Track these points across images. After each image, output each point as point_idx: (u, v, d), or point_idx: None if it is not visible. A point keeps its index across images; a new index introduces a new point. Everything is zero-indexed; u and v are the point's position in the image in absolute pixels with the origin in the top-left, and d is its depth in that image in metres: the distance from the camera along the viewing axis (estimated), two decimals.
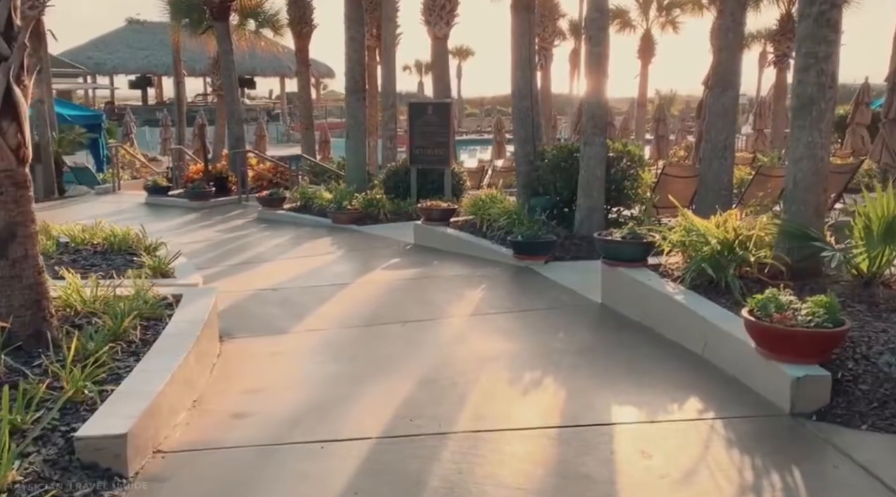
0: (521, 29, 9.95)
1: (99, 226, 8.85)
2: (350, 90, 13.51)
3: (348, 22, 13.10)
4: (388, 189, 13.47)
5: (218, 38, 16.41)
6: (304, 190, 13.68)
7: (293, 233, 11.65)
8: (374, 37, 19.43)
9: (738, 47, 9.04)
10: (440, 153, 13.01)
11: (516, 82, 10.00)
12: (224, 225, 12.74)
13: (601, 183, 9.04)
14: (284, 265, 9.13)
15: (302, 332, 6.10)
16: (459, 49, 58.91)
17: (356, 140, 13.54)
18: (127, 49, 44.80)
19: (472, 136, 47.34)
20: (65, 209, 14.57)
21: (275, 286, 7.70)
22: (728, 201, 9.45)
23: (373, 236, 11.09)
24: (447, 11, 15.27)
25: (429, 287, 7.74)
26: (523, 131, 10.09)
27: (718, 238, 5.92)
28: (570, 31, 33.46)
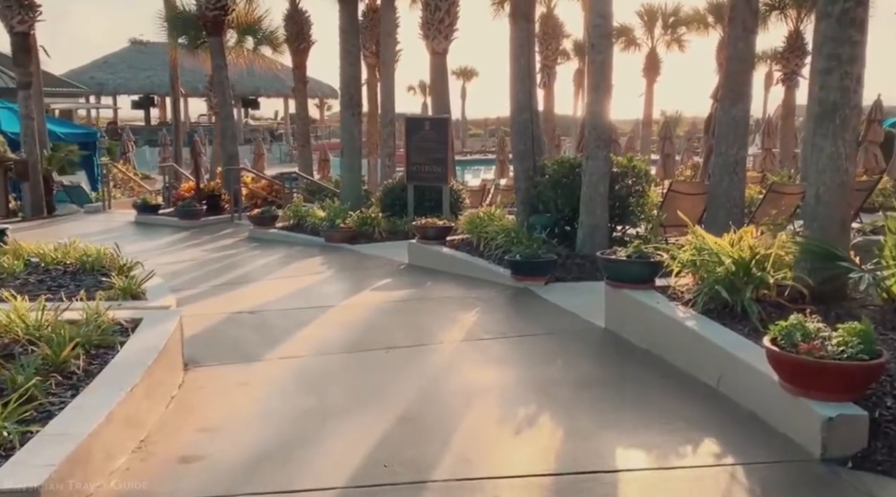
0: (519, 39, 9.49)
1: (73, 245, 8.36)
2: (345, 105, 13.08)
3: (343, 35, 12.69)
4: (384, 207, 12.99)
5: (212, 54, 16.02)
6: (296, 208, 13.20)
7: (283, 252, 11.14)
8: (374, 54, 19.06)
9: (749, 57, 8.56)
10: (438, 170, 12.53)
11: (515, 94, 9.53)
12: (212, 244, 12.25)
13: (605, 199, 8.52)
14: (268, 286, 8.61)
15: (275, 360, 5.57)
16: (463, 70, 58.78)
17: (351, 156, 13.08)
18: (129, 69, 44.70)
19: (477, 156, 47.05)
20: (50, 228, 14.12)
21: (254, 308, 7.18)
22: (739, 219, 8.91)
23: (366, 255, 10.58)
24: (446, 25, 14.86)
25: (419, 310, 7.20)
26: (522, 145, 9.60)
27: (733, 257, 5.38)
28: (574, 51, 33.24)
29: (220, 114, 16.07)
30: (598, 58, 8.35)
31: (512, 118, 9.85)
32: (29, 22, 15.14)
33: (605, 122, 8.55)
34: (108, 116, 48.60)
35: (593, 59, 8.43)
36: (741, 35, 8.43)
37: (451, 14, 14.84)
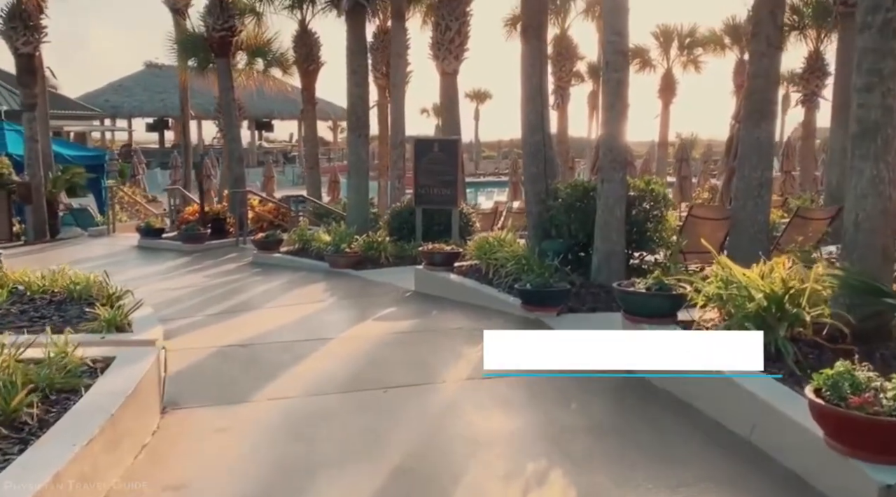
0: (531, 57, 9.09)
1: (62, 272, 8.00)
2: (352, 127, 12.73)
3: (350, 54, 12.38)
4: (392, 230, 12.58)
5: (219, 75, 15.78)
6: (301, 232, 12.82)
7: (286, 278, 10.74)
8: (385, 75, 18.78)
9: (773, 74, 8.11)
10: (447, 193, 12.13)
11: (527, 114, 9.11)
12: (214, 269, 11.87)
13: (621, 224, 8.05)
14: (266, 315, 8.18)
15: (263, 401, 5.11)
16: (477, 92, 58.67)
17: (358, 179, 12.70)
18: (144, 92, 44.88)
19: (490, 178, 46.90)
20: (51, 253, 13.82)
21: (247, 341, 6.74)
22: (765, 246, 8.42)
23: (371, 282, 10.15)
24: (456, 45, 14.52)
25: (423, 343, 6.73)
26: (534, 167, 9.17)
27: (764, 292, 4.88)
28: (589, 73, 32.93)
29: (227, 136, 15.79)
30: (614, 76, 7.92)
31: (523, 140, 9.43)
32: (34, 43, 14.96)
33: (620, 144, 8.11)
34: (124, 139, 48.78)
35: (608, 77, 8.00)
36: (765, 51, 7.99)
37: (461, 34, 14.51)
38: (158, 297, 9.21)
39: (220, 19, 15.00)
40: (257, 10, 17.58)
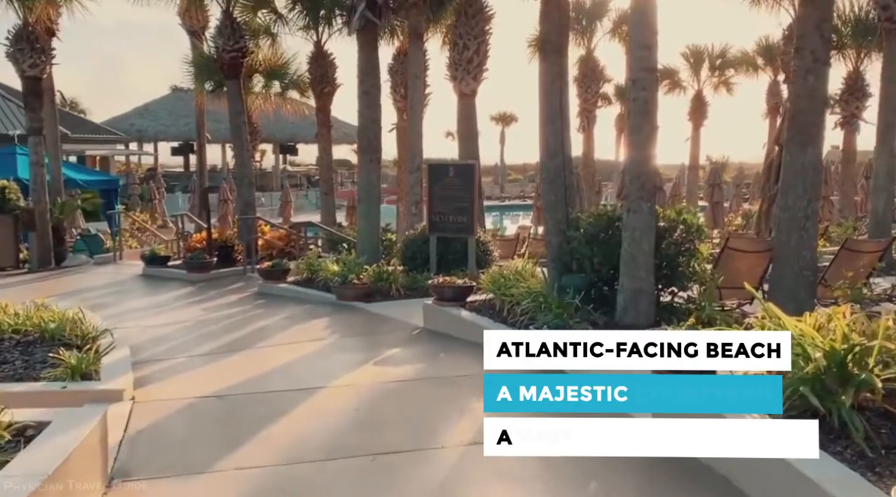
0: (550, 75, 8.36)
1: (39, 308, 7.40)
2: (363, 150, 12.09)
3: (361, 75, 11.77)
4: (405, 259, 11.86)
5: (229, 97, 15.28)
6: (309, 261, 12.14)
7: (289, 312, 10.04)
8: (403, 98, 18.17)
9: (821, 93, 7.30)
10: (463, 220, 11.38)
11: (545, 137, 8.36)
12: (215, 301, 11.22)
13: (649, 259, 7.24)
14: (256, 358, 7.47)
15: (229, 472, 4.37)
16: (503, 115, 58.06)
17: (369, 205, 12.03)
18: (169, 116, 44.96)
19: (516, 202, 46.30)
20: (50, 282, 13.31)
21: (226, 391, 6.02)
22: (811, 284, 7.56)
23: (378, 317, 9.42)
24: (475, 66, 13.86)
25: (425, 394, 5.96)
26: (553, 195, 8.40)
27: (824, 349, 4.06)
28: (616, 95, 32.19)
29: (238, 160, 15.26)
30: (641, 95, 7.16)
31: (541, 164, 8.69)
32: (41, 65, 14.59)
33: (648, 170, 7.32)
34: (150, 163, 48.93)
35: (635, 96, 7.24)
36: (811, 67, 7.19)
37: (480, 53, 13.85)
38: (147, 333, 8.61)
39: (231, 40, 14.53)
40: (272, 30, 17.14)
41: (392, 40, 18.19)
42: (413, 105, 14.87)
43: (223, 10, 14.97)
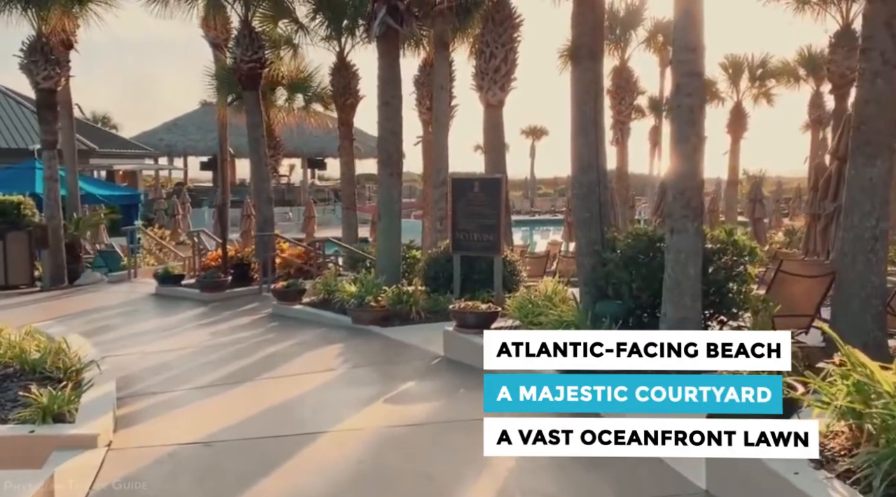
0: (584, 82, 7.63)
1: (22, 337, 6.81)
2: (383, 163, 11.42)
3: (382, 84, 11.12)
4: (427, 279, 11.14)
5: (246, 110, 14.75)
6: (326, 281, 11.48)
7: (301, 337, 9.39)
8: (430, 110, 17.53)
9: (891, 98, 6.43)
10: (488, 238, 10.63)
11: (578, 149, 7.62)
12: (226, 324, 10.59)
13: (696, 285, 6.43)
14: (258, 392, 6.79)
15: None
16: (533, 129, 57.20)
17: (389, 221, 11.34)
18: (198, 131, 44.93)
19: (546, 216, 45.51)
20: (59, 302, 12.83)
21: (215, 435, 5.32)
22: (880, 314, 6.66)
23: (395, 343, 8.72)
24: (502, 75, 13.14)
25: (440, 442, 5.22)
26: (587, 212, 7.63)
27: None
28: (650, 107, 31.33)
29: (255, 175, 14.70)
30: (686, 101, 6.37)
31: (573, 179, 7.93)
32: (55, 78, 14.21)
33: (695, 185, 6.51)
34: (179, 177, 49.01)
35: (679, 103, 6.45)
36: (880, 69, 6.34)
37: (507, 62, 13.13)
38: (147, 361, 8.00)
39: (249, 50, 14.01)
40: (293, 41, 16.63)
41: (418, 51, 17.61)
42: (438, 117, 14.22)
43: (241, 20, 14.48)
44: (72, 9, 13.95)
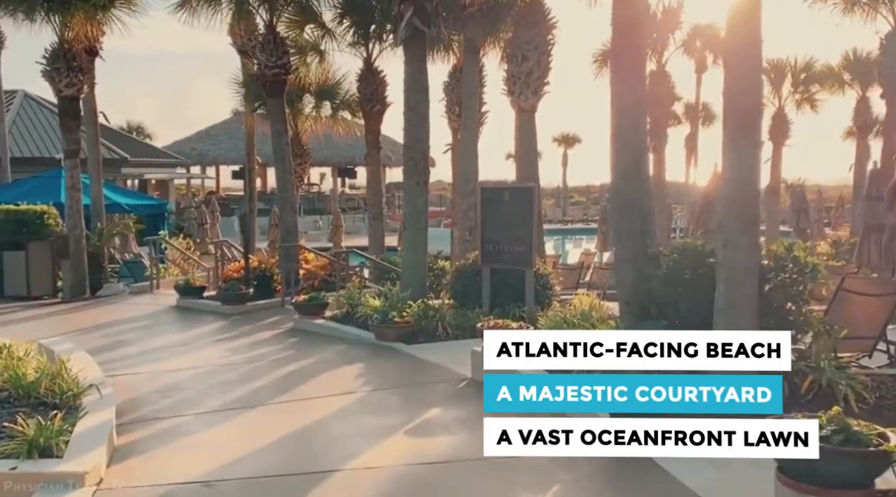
0: (630, 80, 7.02)
1: (20, 355, 6.40)
2: (408, 172, 10.90)
3: (408, 89, 10.61)
4: (455, 293, 10.59)
5: (271, 117, 14.35)
6: (350, 294, 10.97)
7: (321, 354, 8.89)
8: (459, 117, 17.00)
9: None
10: (520, 250, 10.02)
11: (618, 155, 7.01)
12: (245, 339, 10.13)
13: (752, 306, 5.78)
14: (269, 418, 6.28)
15: None
16: (566, 136, 56.27)
17: (415, 233, 10.80)
18: (230, 140, 44.98)
19: (578, 225, 44.81)
20: (76, 315, 12.50)
21: (217, 473, 4.80)
22: None
23: (421, 362, 8.18)
24: (535, 79, 12.52)
25: (466, 486, 4.63)
26: (626, 223, 7.01)
27: None
28: (685, 115, 30.47)
29: (279, 183, 14.27)
30: (741, 103, 5.74)
31: (613, 188, 7.33)
32: (78, 85, 13.93)
33: (750, 195, 5.85)
34: (212, 186, 49.19)
35: (732, 105, 5.82)
36: None
37: (541, 65, 12.50)
38: (157, 381, 7.55)
39: (273, 56, 13.60)
40: (320, 47, 16.21)
41: (447, 56, 17.10)
42: (467, 124, 13.66)
43: (266, 24, 14.08)
44: (95, 15, 13.68)
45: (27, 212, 14.99)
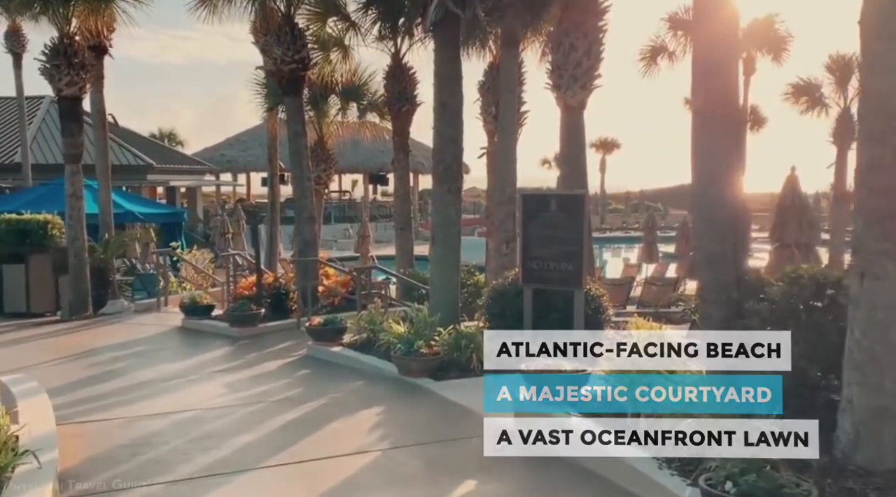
0: (728, 59, 5.51)
1: None
2: (439, 178, 9.48)
3: (438, 82, 9.21)
4: (492, 316, 9.10)
5: (287, 117, 13.07)
6: (371, 317, 9.56)
7: (333, 393, 7.51)
8: (495, 118, 15.54)
9: None
10: (568, 268, 8.51)
11: (701, 151, 5.48)
12: (246, 372, 8.77)
13: None
14: (251, 494, 4.87)
15: None
16: (604, 141, 54.27)
17: (445, 248, 9.37)
18: (259, 146, 44.06)
19: (617, 233, 43.12)
20: (68, 337, 11.26)
21: None
22: None
23: (451, 407, 6.79)
24: (584, 70, 10.93)
25: None
26: (715, 243, 5.48)
27: None
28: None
29: (296, 190, 12.95)
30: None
31: (694, 196, 5.79)
32: (79, 84, 12.74)
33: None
34: (242, 193, 48.46)
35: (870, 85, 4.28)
36: None
37: (591, 55, 10.88)
38: (128, 432, 6.22)
39: (291, 49, 12.28)
40: (344, 42, 14.89)
41: (483, 53, 15.70)
42: (504, 124, 12.14)
43: (283, 15, 12.78)
44: (98, 5, 12.51)
45: (30, 221, 13.91)
